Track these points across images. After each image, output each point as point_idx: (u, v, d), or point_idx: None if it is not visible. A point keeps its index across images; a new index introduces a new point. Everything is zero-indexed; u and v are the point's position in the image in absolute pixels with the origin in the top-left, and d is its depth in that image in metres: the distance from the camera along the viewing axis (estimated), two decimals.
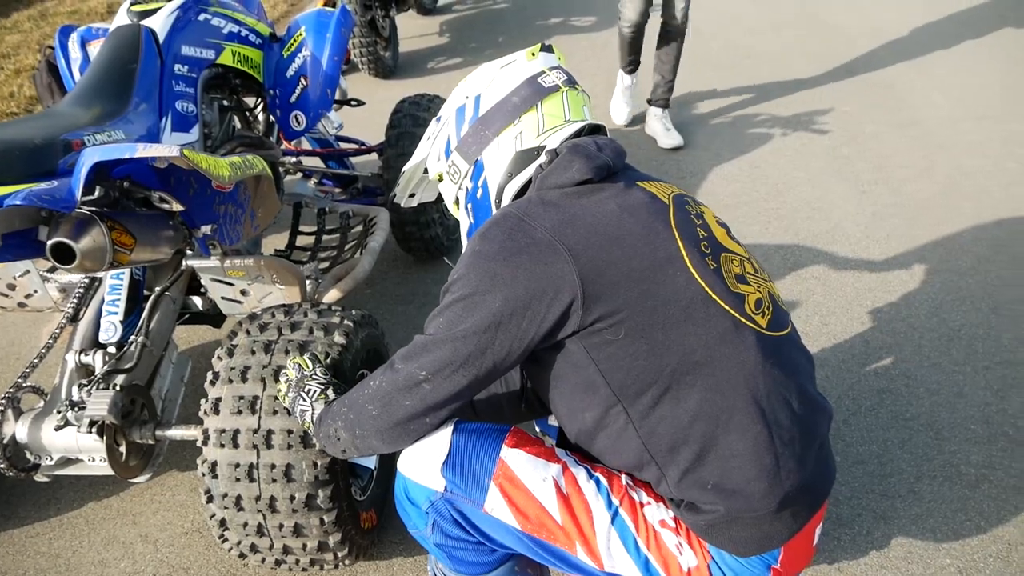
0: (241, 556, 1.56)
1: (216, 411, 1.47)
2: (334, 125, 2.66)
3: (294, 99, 2.25)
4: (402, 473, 1.24)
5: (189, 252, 1.78)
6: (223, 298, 1.90)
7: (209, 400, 1.50)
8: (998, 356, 2.21)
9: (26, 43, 5.63)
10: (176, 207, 1.55)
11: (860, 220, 2.92)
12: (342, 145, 2.91)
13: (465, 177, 1.36)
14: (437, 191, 1.62)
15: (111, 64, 1.79)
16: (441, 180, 1.42)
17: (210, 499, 1.48)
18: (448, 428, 1.21)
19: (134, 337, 1.72)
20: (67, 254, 1.35)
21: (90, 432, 1.55)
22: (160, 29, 1.90)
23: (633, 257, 1.11)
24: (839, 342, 2.31)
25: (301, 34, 2.28)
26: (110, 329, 1.75)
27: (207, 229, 1.67)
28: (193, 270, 1.82)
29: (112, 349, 1.73)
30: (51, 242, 1.35)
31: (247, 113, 2.38)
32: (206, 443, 1.47)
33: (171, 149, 1.32)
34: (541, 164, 1.26)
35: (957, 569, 1.65)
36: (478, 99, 1.33)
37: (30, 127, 1.46)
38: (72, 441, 1.60)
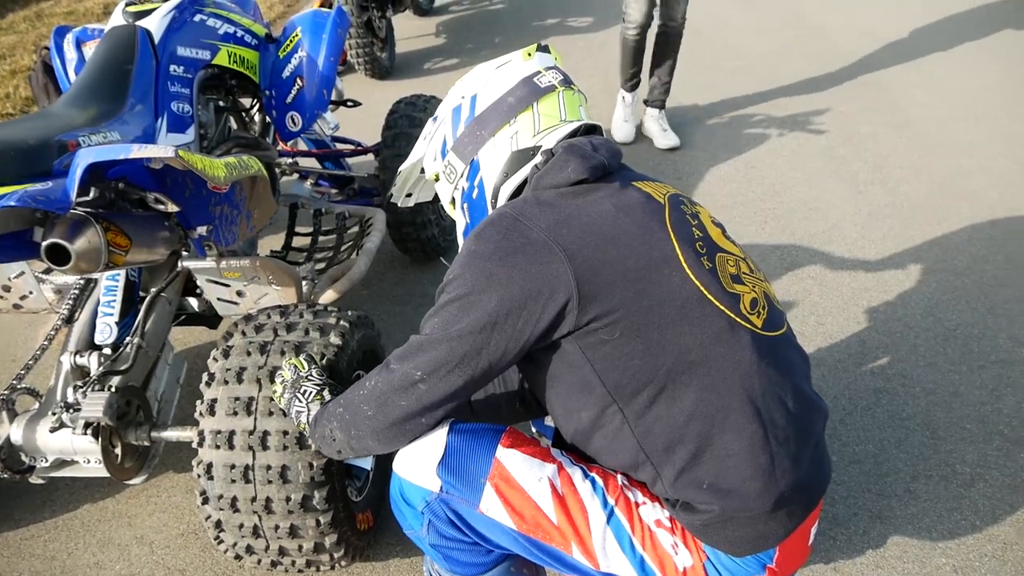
0: (237, 558, 1.56)
1: (212, 412, 1.47)
2: (330, 126, 2.65)
3: (290, 100, 2.24)
4: (397, 473, 1.24)
5: (185, 253, 1.78)
6: (219, 299, 1.89)
7: (205, 401, 1.49)
8: (993, 356, 2.22)
9: (22, 44, 5.62)
10: (172, 208, 1.55)
11: (857, 220, 2.92)
12: (338, 146, 2.91)
13: (461, 177, 1.36)
14: (434, 191, 1.62)
15: (106, 65, 1.79)
16: (437, 180, 1.42)
17: (206, 501, 1.48)
18: (443, 428, 1.21)
19: (130, 338, 1.71)
20: (62, 255, 1.35)
21: (85, 434, 1.55)
22: (156, 30, 1.90)
23: (628, 257, 1.11)
24: (835, 342, 2.32)
25: (297, 35, 2.28)
26: (105, 330, 1.75)
27: (203, 230, 1.66)
28: (189, 271, 1.82)
29: (108, 350, 1.73)
30: (46, 243, 1.34)
31: (243, 114, 2.37)
32: (202, 444, 1.47)
33: (166, 150, 1.32)
34: (537, 164, 1.26)
35: (953, 568, 1.65)
36: (474, 99, 1.33)
37: (25, 128, 1.46)
38: (67, 443, 1.60)
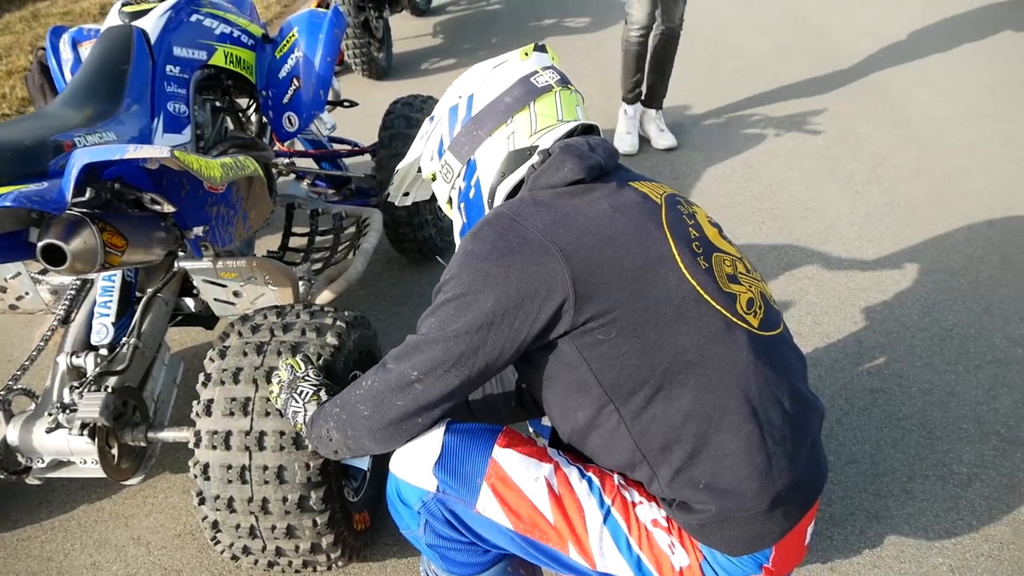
0: (234, 558, 1.56)
1: (208, 413, 1.47)
2: (327, 126, 2.65)
3: (287, 100, 2.24)
4: (394, 473, 1.24)
5: (181, 253, 1.77)
6: (215, 300, 1.89)
7: (201, 402, 1.49)
8: (990, 355, 2.22)
9: (18, 44, 5.62)
10: (168, 208, 1.54)
11: (853, 220, 2.93)
12: (335, 146, 2.91)
13: (458, 176, 1.35)
14: (431, 190, 1.62)
15: (102, 65, 1.78)
16: (434, 179, 1.42)
17: (202, 501, 1.48)
18: (440, 428, 1.21)
19: (126, 339, 1.71)
20: (58, 256, 1.34)
21: (82, 434, 1.54)
22: (152, 30, 1.90)
23: (625, 257, 1.11)
24: (832, 342, 2.32)
25: (294, 35, 2.28)
26: (102, 331, 1.75)
27: (199, 230, 1.66)
28: (185, 271, 1.82)
29: (104, 351, 1.72)
30: (42, 244, 1.34)
31: (240, 114, 2.37)
32: (198, 445, 1.47)
33: (161, 150, 1.31)
34: (533, 164, 1.26)
35: (949, 568, 1.65)
36: (471, 99, 1.33)
37: (21, 128, 1.45)
38: (64, 443, 1.59)
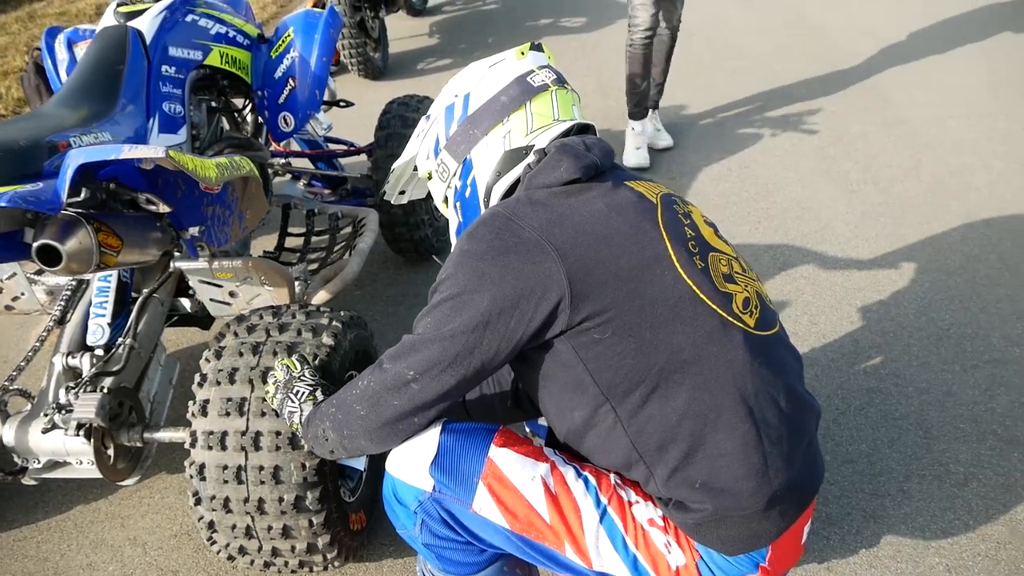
0: (230, 558, 1.55)
1: (204, 413, 1.47)
2: (323, 126, 2.65)
3: (282, 100, 2.24)
4: (390, 473, 1.24)
5: (177, 254, 1.77)
6: (211, 300, 1.89)
7: (197, 402, 1.49)
8: (986, 355, 2.22)
9: (14, 45, 5.61)
10: (163, 209, 1.54)
11: (849, 220, 2.93)
12: (331, 146, 2.91)
13: (454, 176, 1.35)
14: (427, 189, 1.62)
15: (98, 65, 1.78)
16: (430, 178, 1.41)
17: (198, 501, 1.47)
18: (436, 428, 1.21)
19: (122, 339, 1.71)
20: (53, 256, 1.34)
21: (78, 435, 1.54)
22: (147, 30, 1.90)
23: (621, 256, 1.11)
24: (828, 341, 2.32)
25: (289, 35, 2.28)
26: (98, 331, 1.74)
27: (195, 231, 1.66)
28: (181, 272, 1.81)
29: (100, 352, 1.72)
30: (37, 244, 1.34)
31: (235, 114, 2.37)
32: (194, 445, 1.47)
33: (156, 150, 1.31)
34: (529, 163, 1.25)
35: (946, 567, 1.65)
36: (467, 97, 1.33)
37: (16, 129, 1.45)
38: (59, 444, 1.59)
